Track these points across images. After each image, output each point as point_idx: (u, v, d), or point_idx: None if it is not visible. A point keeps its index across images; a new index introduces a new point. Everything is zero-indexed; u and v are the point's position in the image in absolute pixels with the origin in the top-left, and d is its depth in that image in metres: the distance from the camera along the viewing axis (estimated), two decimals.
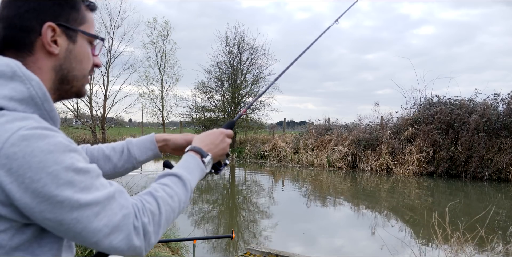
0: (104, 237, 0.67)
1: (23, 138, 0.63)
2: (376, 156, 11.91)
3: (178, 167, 0.91)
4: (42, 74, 0.77)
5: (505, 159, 9.96)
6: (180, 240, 3.32)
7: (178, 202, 0.82)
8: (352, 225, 5.82)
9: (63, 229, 0.66)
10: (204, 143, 1.01)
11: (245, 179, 10.92)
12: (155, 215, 0.75)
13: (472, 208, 6.78)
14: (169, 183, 0.83)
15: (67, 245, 0.77)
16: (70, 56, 0.80)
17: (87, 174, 0.68)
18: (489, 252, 4.12)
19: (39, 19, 0.75)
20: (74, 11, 0.80)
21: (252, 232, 5.33)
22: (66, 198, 0.64)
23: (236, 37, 17.37)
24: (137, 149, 1.11)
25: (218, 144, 1.03)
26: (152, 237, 0.74)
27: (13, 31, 0.75)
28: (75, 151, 0.69)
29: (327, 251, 4.53)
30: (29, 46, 0.76)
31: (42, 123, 0.69)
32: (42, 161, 0.63)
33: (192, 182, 0.89)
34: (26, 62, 0.76)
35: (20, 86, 0.70)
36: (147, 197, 0.77)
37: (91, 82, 17.73)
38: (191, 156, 0.95)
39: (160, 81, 19.60)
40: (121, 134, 20.28)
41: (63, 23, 0.78)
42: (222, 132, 1.06)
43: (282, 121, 20.75)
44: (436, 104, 11.90)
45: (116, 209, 0.69)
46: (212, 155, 0.99)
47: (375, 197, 7.95)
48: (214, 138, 1.04)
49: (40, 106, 0.72)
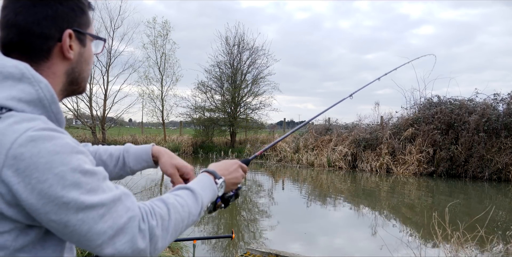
0: (108, 239, 0.67)
1: (30, 139, 0.64)
2: (376, 156, 11.91)
3: (192, 183, 0.91)
4: (55, 78, 0.79)
5: (505, 159, 9.96)
6: (180, 240, 3.31)
7: (188, 213, 0.82)
8: (352, 225, 5.83)
9: (68, 231, 0.66)
10: (218, 168, 1.02)
11: (245, 179, 10.91)
12: (164, 220, 0.74)
13: (472, 208, 6.78)
14: (182, 194, 0.83)
15: (69, 246, 0.77)
16: (81, 59, 0.83)
17: (94, 176, 0.68)
18: (489, 252, 4.12)
19: (57, 26, 0.77)
20: (84, 15, 0.82)
21: (252, 232, 5.33)
22: (72, 199, 0.64)
23: (236, 37, 17.38)
24: (133, 159, 1.12)
25: (232, 171, 1.04)
26: (159, 241, 0.73)
27: (31, 37, 0.75)
28: (82, 153, 0.70)
29: (327, 251, 4.53)
30: (46, 52, 0.77)
31: (49, 124, 0.69)
32: (48, 162, 0.63)
33: (204, 199, 0.89)
34: (41, 67, 0.77)
35: (28, 88, 0.71)
36: (158, 202, 0.77)
37: (91, 82, 17.80)
38: (205, 176, 0.96)
39: (160, 81, 19.60)
40: (121, 134, 20.30)
41: (77, 28, 0.80)
42: (237, 163, 1.08)
43: (282, 121, 20.77)
44: (436, 104, 11.90)
45: (122, 212, 0.69)
46: (224, 180, 0.99)
47: (375, 197, 7.95)
48: (228, 166, 1.05)
49: (48, 108, 0.73)
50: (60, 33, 0.77)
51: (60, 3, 0.77)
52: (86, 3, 0.84)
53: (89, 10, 0.85)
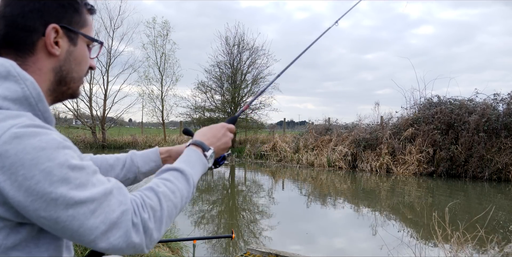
0: (101, 234, 0.66)
1: (15, 136, 0.63)
2: (376, 156, 11.90)
3: (179, 161, 0.89)
4: (42, 75, 0.77)
5: (505, 159, 9.96)
6: (180, 240, 3.32)
7: (181, 197, 0.80)
8: (352, 225, 5.82)
9: (60, 227, 0.65)
10: (205, 137, 0.99)
11: (245, 179, 10.91)
12: (156, 211, 0.73)
13: (472, 208, 6.78)
14: (171, 178, 0.81)
15: (66, 245, 0.76)
16: (70, 58, 0.81)
17: (82, 170, 0.67)
18: (489, 252, 4.12)
19: (42, 20, 0.76)
20: (76, 14, 0.81)
21: (252, 232, 5.33)
22: (60, 195, 0.63)
23: (236, 37, 17.37)
24: (141, 159, 1.12)
25: (220, 137, 1.02)
26: (153, 234, 0.72)
27: (15, 30, 0.75)
28: (69, 148, 0.68)
29: (327, 251, 4.53)
30: (30, 46, 0.76)
31: (35, 120, 0.68)
32: (35, 158, 0.62)
33: (195, 177, 0.87)
34: (26, 62, 0.76)
35: (14, 86, 0.70)
36: (148, 192, 0.75)
37: (91, 82, 17.81)
38: (193, 150, 0.93)
39: (160, 81, 19.58)
40: (121, 134, 20.28)
41: (65, 25, 0.78)
42: (224, 126, 1.05)
43: (282, 121, 20.77)
44: (436, 104, 11.90)
45: (114, 206, 0.68)
46: (214, 149, 0.97)
47: (375, 197, 7.95)
48: (216, 132, 1.02)
49: (34, 106, 0.72)
50: (45, 27, 0.76)
51: None
52: (82, 3, 0.83)
53: (88, 12, 0.85)
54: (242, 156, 15.27)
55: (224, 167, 13.34)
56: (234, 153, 15.46)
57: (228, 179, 10.76)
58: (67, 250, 0.78)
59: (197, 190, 8.05)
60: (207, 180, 9.94)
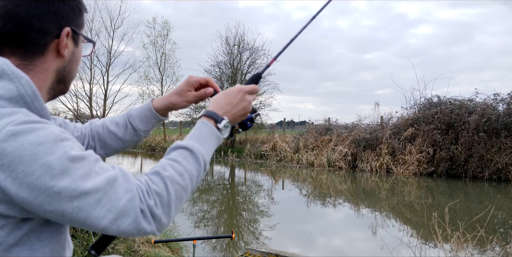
0: (110, 223, 0.66)
1: (11, 133, 0.63)
2: (376, 156, 11.91)
3: (189, 137, 0.86)
4: (47, 75, 0.79)
5: (505, 159, 9.96)
6: (180, 240, 3.31)
7: (190, 179, 0.77)
8: (352, 225, 5.82)
9: (67, 219, 0.65)
10: (219, 105, 0.91)
11: (245, 179, 10.91)
12: (162, 197, 0.72)
13: (472, 208, 6.78)
14: (179, 159, 0.78)
15: (67, 239, 0.77)
16: (73, 58, 0.83)
17: (83, 160, 0.67)
18: (489, 252, 4.12)
19: (57, 22, 0.77)
20: (81, 16, 0.83)
21: (252, 232, 5.33)
22: (63, 188, 0.63)
23: (236, 37, 17.38)
24: (139, 121, 1.12)
25: (237, 104, 0.92)
26: (162, 219, 0.71)
27: (29, 31, 0.75)
28: (68, 139, 0.68)
29: (327, 251, 4.53)
30: (43, 47, 0.77)
31: (31, 116, 0.68)
32: (33, 154, 0.62)
33: (206, 154, 0.83)
34: (34, 62, 0.77)
35: (8, 84, 0.69)
36: (153, 177, 0.74)
37: (91, 82, 17.79)
38: (204, 123, 0.87)
39: (160, 81, 19.58)
40: None
41: (73, 28, 0.80)
42: (241, 90, 0.94)
43: (282, 121, 20.76)
44: (436, 104, 11.90)
45: (120, 194, 0.68)
46: (229, 118, 0.90)
47: (375, 197, 7.95)
48: (231, 98, 0.93)
49: (30, 104, 0.71)
50: (59, 30, 0.77)
51: (62, 1, 0.78)
52: (83, 5, 0.85)
53: (84, 12, 0.86)
54: (242, 156, 15.27)
55: (224, 167, 13.34)
56: (234, 153, 15.46)
57: (228, 179, 10.76)
58: (67, 246, 0.78)
59: (197, 190, 8.06)
60: (207, 180, 9.94)
